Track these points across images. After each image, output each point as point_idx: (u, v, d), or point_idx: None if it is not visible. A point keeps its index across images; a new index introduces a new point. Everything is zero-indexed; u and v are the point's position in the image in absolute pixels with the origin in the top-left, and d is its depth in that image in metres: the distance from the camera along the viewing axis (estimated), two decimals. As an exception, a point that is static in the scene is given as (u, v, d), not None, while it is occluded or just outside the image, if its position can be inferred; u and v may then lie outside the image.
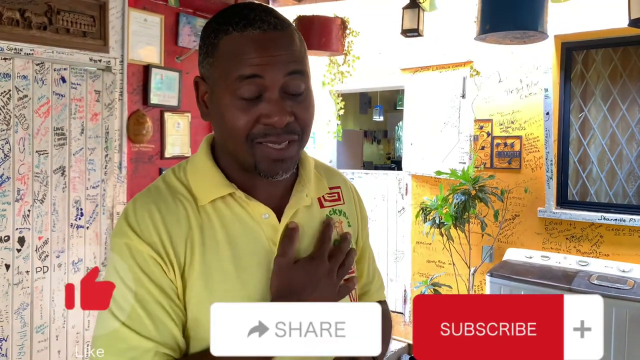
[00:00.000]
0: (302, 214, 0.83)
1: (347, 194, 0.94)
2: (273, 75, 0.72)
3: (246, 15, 0.74)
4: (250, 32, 0.73)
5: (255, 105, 0.73)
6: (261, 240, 0.78)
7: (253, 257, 0.78)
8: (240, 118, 0.73)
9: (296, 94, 0.75)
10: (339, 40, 3.19)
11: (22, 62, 2.19)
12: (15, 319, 2.20)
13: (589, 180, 3.32)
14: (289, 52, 0.74)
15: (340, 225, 0.89)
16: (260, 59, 0.72)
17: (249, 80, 0.72)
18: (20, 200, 2.20)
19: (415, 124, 3.85)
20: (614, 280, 2.75)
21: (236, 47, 0.73)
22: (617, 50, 3.19)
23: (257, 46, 0.72)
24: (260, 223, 0.79)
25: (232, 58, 0.73)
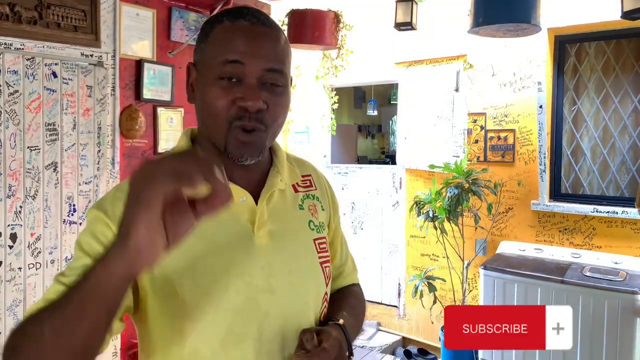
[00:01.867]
0: (277, 197, 0.90)
1: (318, 181, 1.01)
2: (254, 64, 0.80)
3: (240, 10, 0.83)
4: (241, 22, 0.81)
5: (234, 89, 0.80)
6: (240, 221, 0.84)
7: (232, 236, 0.83)
8: (220, 98, 0.79)
9: (273, 89, 0.82)
10: (332, 34, 3.18)
11: (12, 57, 2.17)
12: (8, 316, 2.19)
13: (582, 172, 3.34)
14: (272, 48, 0.82)
15: (314, 208, 0.95)
16: (245, 47, 0.80)
17: (231, 65, 0.79)
18: (12, 197, 2.19)
19: (409, 118, 3.85)
20: (606, 272, 2.77)
21: (226, 34, 0.81)
22: (610, 43, 3.20)
23: (244, 35, 0.81)
24: (239, 206, 0.84)
25: (220, 43, 0.81)
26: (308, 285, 0.89)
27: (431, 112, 3.68)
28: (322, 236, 0.94)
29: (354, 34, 3.43)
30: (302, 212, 0.93)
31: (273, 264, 0.85)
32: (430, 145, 3.69)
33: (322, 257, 0.93)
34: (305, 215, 0.93)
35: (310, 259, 0.91)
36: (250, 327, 0.82)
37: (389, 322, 4.09)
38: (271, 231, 0.86)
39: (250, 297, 0.82)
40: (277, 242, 0.86)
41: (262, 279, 0.83)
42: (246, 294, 0.82)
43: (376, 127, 9.19)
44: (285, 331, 0.84)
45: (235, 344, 0.81)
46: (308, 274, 0.90)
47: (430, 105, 3.68)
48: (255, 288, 0.82)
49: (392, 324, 4.08)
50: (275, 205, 0.89)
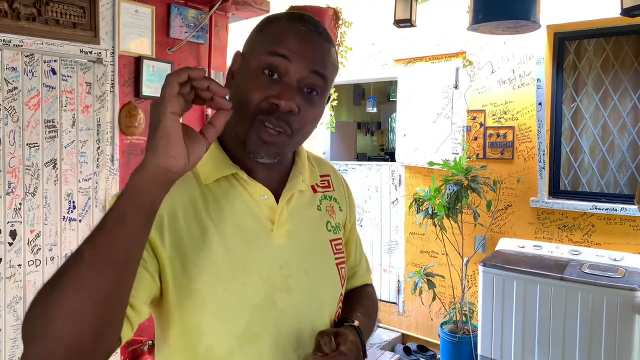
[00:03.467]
0: (296, 197, 0.90)
1: (336, 181, 1.01)
2: (298, 65, 0.79)
3: (301, 15, 0.84)
4: (299, 26, 0.82)
5: (272, 85, 0.79)
6: (260, 219, 0.84)
7: (252, 233, 0.83)
8: (256, 91, 0.79)
9: (309, 96, 0.81)
10: (331, 31, 3.18)
11: (11, 53, 2.16)
12: (8, 313, 2.19)
13: (581, 170, 3.34)
14: (320, 55, 0.82)
15: (331, 209, 0.96)
16: (295, 46, 0.80)
17: (277, 58, 0.79)
18: (11, 194, 2.18)
19: (408, 115, 3.85)
20: (605, 269, 2.78)
21: (281, 31, 0.81)
22: (609, 40, 3.20)
23: (298, 37, 0.81)
24: (260, 203, 0.85)
25: (273, 37, 0.81)
26: (324, 285, 0.90)
27: (430, 109, 3.68)
28: (339, 237, 0.95)
29: (353, 30, 3.43)
30: (320, 213, 0.93)
31: (291, 264, 0.85)
32: (429, 142, 3.69)
33: (338, 258, 0.93)
34: (323, 216, 0.93)
35: (326, 260, 0.91)
36: (266, 325, 0.82)
37: (388, 319, 4.10)
38: (290, 231, 0.86)
39: (268, 295, 0.82)
40: (295, 242, 0.86)
41: (280, 278, 0.84)
42: (264, 292, 0.82)
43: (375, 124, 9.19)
44: (300, 330, 0.85)
45: (251, 341, 0.81)
46: (324, 274, 0.90)
47: (430, 102, 3.68)
48: (273, 287, 0.83)
49: (391, 320, 4.09)
50: (295, 205, 0.89)
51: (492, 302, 2.94)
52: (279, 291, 0.83)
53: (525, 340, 2.84)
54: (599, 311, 2.60)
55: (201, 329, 0.79)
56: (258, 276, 0.82)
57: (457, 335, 3.31)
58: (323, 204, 0.95)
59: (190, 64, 2.93)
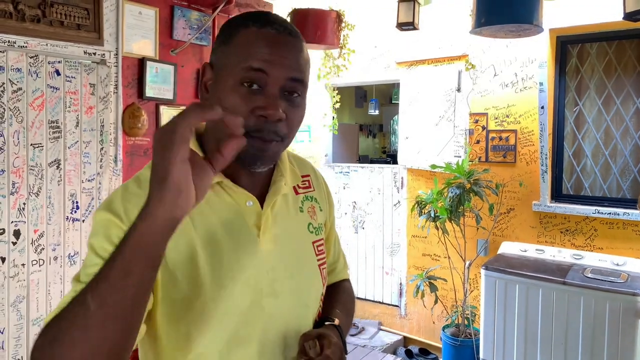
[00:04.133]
0: (280, 201, 0.90)
1: (316, 181, 1.02)
2: (277, 74, 0.78)
3: (267, 17, 0.82)
4: (268, 29, 0.80)
5: (254, 96, 0.77)
6: (246, 225, 0.84)
7: (239, 240, 0.83)
8: (239, 105, 0.77)
9: (292, 99, 0.81)
10: (334, 34, 3.19)
11: (15, 54, 2.17)
12: (12, 312, 2.20)
13: (584, 174, 3.34)
14: (296, 57, 0.81)
15: (312, 210, 0.97)
16: (270, 55, 0.78)
17: (255, 72, 0.77)
18: (16, 194, 2.20)
19: (410, 117, 3.85)
20: (607, 273, 2.77)
21: (251, 39, 0.79)
22: (612, 44, 3.20)
23: (270, 43, 0.79)
24: (245, 209, 0.85)
25: (245, 48, 0.79)
26: (308, 288, 0.92)
27: (433, 112, 3.69)
28: (320, 238, 0.96)
29: (355, 33, 3.44)
30: (302, 215, 0.94)
31: (277, 269, 0.86)
32: (431, 145, 3.69)
33: (320, 259, 0.95)
34: (305, 218, 0.95)
35: (309, 263, 0.93)
36: (254, 330, 0.83)
37: (390, 322, 4.10)
38: (275, 235, 0.87)
39: (255, 301, 0.83)
40: (280, 246, 0.87)
41: (267, 284, 0.85)
42: (251, 298, 0.83)
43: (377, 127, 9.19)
44: (287, 333, 0.86)
45: (239, 346, 0.82)
46: (308, 277, 0.92)
47: (432, 105, 3.69)
48: (260, 292, 0.84)
49: (393, 323, 4.08)
50: (279, 209, 0.90)
51: (494, 305, 2.94)
52: (266, 296, 0.84)
53: (527, 345, 2.83)
54: (601, 316, 2.59)
55: (190, 337, 0.80)
56: (246, 283, 0.83)
57: (459, 338, 3.30)
58: (305, 205, 0.96)
59: (194, 65, 2.94)
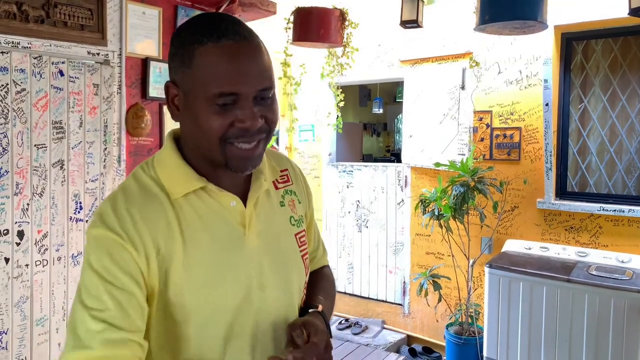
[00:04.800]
0: (262, 198, 0.94)
1: (294, 174, 1.04)
2: (247, 90, 0.79)
3: (218, 25, 0.80)
4: (224, 42, 0.78)
5: (230, 111, 0.79)
6: (232, 225, 0.88)
7: (226, 241, 0.87)
8: (216, 121, 0.79)
9: (264, 101, 0.83)
10: (337, 32, 3.18)
11: (19, 55, 2.18)
12: (15, 312, 2.21)
13: (589, 171, 3.32)
14: (261, 67, 0.81)
15: (292, 204, 1.00)
16: (237, 73, 0.78)
17: (226, 97, 0.79)
18: (19, 194, 2.20)
19: (414, 116, 3.84)
20: (612, 270, 2.76)
21: (213, 60, 0.78)
22: (617, 41, 3.18)
23: (232, 59, 0.78)
24: (230, 210, 0.88)
25: (209, 72, 0.78)
26: (292, 278, 0.95)
27: (437, 110, 3.68)
28: (302, 230, 1.00)
29: (359, 31, 3.43)
30: (284, 209, 0.98)
31: (263, 263, 0.90)
32: (435, 143, 3.68)
33: (302, 250, 0.98)
34: (287, 212, 0.98)
35: (293, 254, 0.97)
36: (247, 323, 0.87)
37: (393, 320, 4.09)
38: (259, 231, 0.91)
39: (246, 295, 0.87)
40: (264, 241, 0.91)
41: (255, 278, 0.89)
42: (242, 293, 0.87)
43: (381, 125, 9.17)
44: (275, 324, 0.91)
45: (234, 340, 0.86)
46: (292, 268, 0.96)
47: (436, 103, 3.68)
48: (249, 287, 0.88)
49: (396, 322, 4.08)
50: (261, 205, 0.93)
51: (498, 303, 2.93)
52: (255, 289, 0.88)
53: (532, 343, 2.82)
54: (606, 313, 2.58)
55: (187, 337, 0.83)
56: (236, 280, 0.86)
57: (462, 337, 3.29)
58: (285, 199, 0.99)
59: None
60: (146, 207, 0.82)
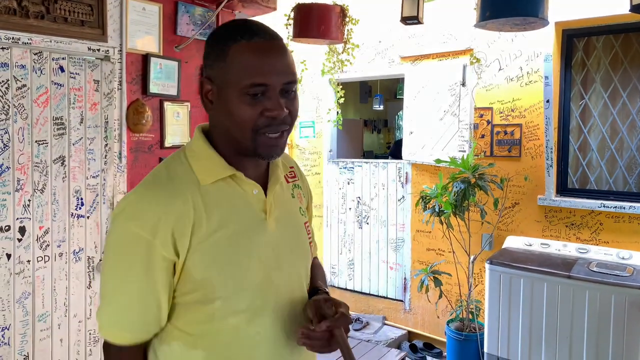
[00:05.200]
0: (279, 189, 1.06)
1: (298, 171, 1.18)
2: (275, 82, 0.91)
3: (250, 26, 0.93)
4: (256, 40, 0.91)
5: (260, 102, 0.90)
6: (255, 211, 0.99)
7: (249, 224, 0.97)
8: (247, 111, 0.90)
9: (289, 94, 0.94)
10: (338, 28, 3.17)
11: (20, 51, 2.18)
12: (17, 308, 2.21)
13: (589, 168, 3.32)
14: (286, 62, 0.93)
15: (300, 196, 1.13)
16: (267, 66, 0.90)
17: (257, 87, 0.90)
18: (21, 190, 2.20)
19: (415, 112, 3.84)
20: (613, 267, 2.76)
21: (246, 55, 0.90)
22: (618, 37, 3.17)
23: (263, 55, 0.90)
24: (252, 197, 0.99)
25: (243, 66, 0.90)
26: (302, 260, 1.08)
27: (437, 107, 3.67)
28: (307, 220, 1.13)
29: (359, 28, 3.42)
30: (294, 200, 1.10)
31: (280, 245, 1.01)
32: (436, 139, 3.68)
33: (309, 237, 1.11)
34: (297, 203, 1.10)
35: (303, 239, 1.09)
36: (267, 299, 0.97)
37: (394, 317, 4.10)
38: (277, 217, 1.02)
39: (266, 274, 0.97)
40: (281, 226, 1.02)
41: (273, 259, 0.99)
42: (263, 272, 0.97)
43: (382, 122, 9.17)
44: (292, 301, 1.01)
45: (257, 315, 0.96)
46: (302, 251, 1.08)
47: (437, 99, 3.67)
48: (269, 266, 0.98)
49: (397, 318, 4.09)
50: (278, 194, 1.04)
51: (499, 300, 2.93)
52: (274, 269, 0.98)
53: (532, 339, 2.83)
54: (606, 310, 2.58)
55: (212, 312, 0.92)
56: (258, 259, 0.96)
57: (463, 333, 3.30)
58: (294, 192, 1.11)
59: (197, 61, 2.94)
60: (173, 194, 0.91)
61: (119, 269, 0.90)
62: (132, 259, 0.89)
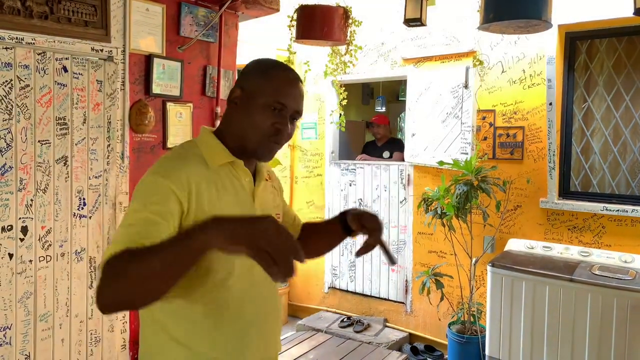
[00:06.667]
0: (263, 182, 1.32)
1: (273, 176, 1.45)
2: (291, 107, 1.21)
3: (287, 66, 1.27)
4: (288, 75, 1.24)
5: (275, 116, 1.19)
6: (246, 194, 1.25)
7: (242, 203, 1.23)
8: (267, 120, 1.19)
9: (293, 121, 1.24)
10: (341, 30, 3.18)
11: (23, 51, 2.18)
12: (19, 308, 2.21)
13: (592, 171, 3.31)
14: (300, 97, 1.24)
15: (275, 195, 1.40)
16: (290, 94, 1.21)
17: (280, 104, 1.19)
18: (23, 190, 2.21)
19: (417, 114, 3.84)
20: (615, 270, 2.75)
21: (281, 81, 1.21)
22: (622, 40, 3.17)
23: (290, 86, 1.22)
24: (245, 183, 1.25)
25: (276, 86, 1.20)
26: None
27: (440, 109, 3.67)
28: (279, 213, 1.40)
29: (362, 29, 3.42)
30: (272, 195, 1.38)
31: None
32: (438, 142, 3.68)
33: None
34: (273, 197, 1.39)
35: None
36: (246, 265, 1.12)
37: (396, 319, 4.09)
38: (260, 202, 1.28)
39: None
40: (264, 207, 1.29)
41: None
42: None
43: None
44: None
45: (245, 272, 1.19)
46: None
47: (439, 102, 3.67)
48: None
49: (399, 320, 4.08)
50: (262, 187, 1.31)
51: (501, 302, 2.93)
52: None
53: (534, 342, 2.82)
54: (608, 313, 2.58)
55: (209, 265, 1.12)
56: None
57: (464, 335, 3.29)
58: (272, 190, 1.39)
59: (200, 62, 2.95)
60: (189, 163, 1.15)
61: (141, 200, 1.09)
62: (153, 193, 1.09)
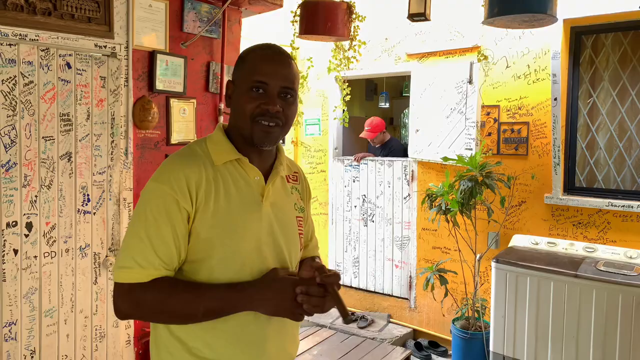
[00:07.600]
0: (278, 181, 1.26)
1: (301, 178, 1.39)
2: (274, 83, 1.16)
3: (267, 44, 1.22)
4: (266, 52, 1.19)
5: (260, 97, 1.15)
6: (254, 193, 1.20)
7: (248, 202, 1.18)
8: (249, 103, 1.15)
9: (286, 99, 1.18)
10: (344, 25, 3.16)
11: (27, 48, 2.18)
12: (24, 303, 2.22)
13: (597, 166, 3.30)
14: (286, 70, 1.18)
15: (298, 196, 1.33)
16: (269, 70, 1.16)
17: (259, 83, 1.15)
18: (27, 186, 2.21)
19: (421, 110, 3.83)
20: (620, 266, 2.74)
21: (256, 60, 1.17)
22: (627, 35, 3.15)
23: (268, 61, 1.17)
24: (254, 182, 1.20)
25: (252, 66, 1.17)
26: (291, 245, 1.26)
27: (444, 105, 3.66)
28: (301, 216, 1.32)
29: (366, 25, 3.41)
30: (291, 196, 1.31)
31: (272, 225, 1.21)
32: (442, 137, 3.66)
33: (299, 229, 1.30)
34: (292, 199, 1.30)
35: (293, 227, 1.28)
36: (254, 266, 1.16)
37: (400, 315, 4.10)
38: (272, 203, 1.22)
39: (257, 245, 1.17)
40: (275, 210, 1.22)
41: (264, 234, 1.19)
42: (254, 242, 1.17)
43: (388, 120, 9.15)
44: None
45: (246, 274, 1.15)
46: (291, 236, 1.26)
47: (443, 97, 3.66)
48: (260, 240, 1.18)
49: (403, 316, 4.08)
50: (276, 186, 1.25)
51: (505, 298, 2.92)
52: (264, 243, 1.18)
53: (538, 338, 2.82)
54: (613, 309, 2.57)
55: (210, 266, 1.13)
56: (251, 231, 1.16)
57: (469, 331, 3.29)
58: (292, 191, 1.32)
59: (204, 58, 2.94)
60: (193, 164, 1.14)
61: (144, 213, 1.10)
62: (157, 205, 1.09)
